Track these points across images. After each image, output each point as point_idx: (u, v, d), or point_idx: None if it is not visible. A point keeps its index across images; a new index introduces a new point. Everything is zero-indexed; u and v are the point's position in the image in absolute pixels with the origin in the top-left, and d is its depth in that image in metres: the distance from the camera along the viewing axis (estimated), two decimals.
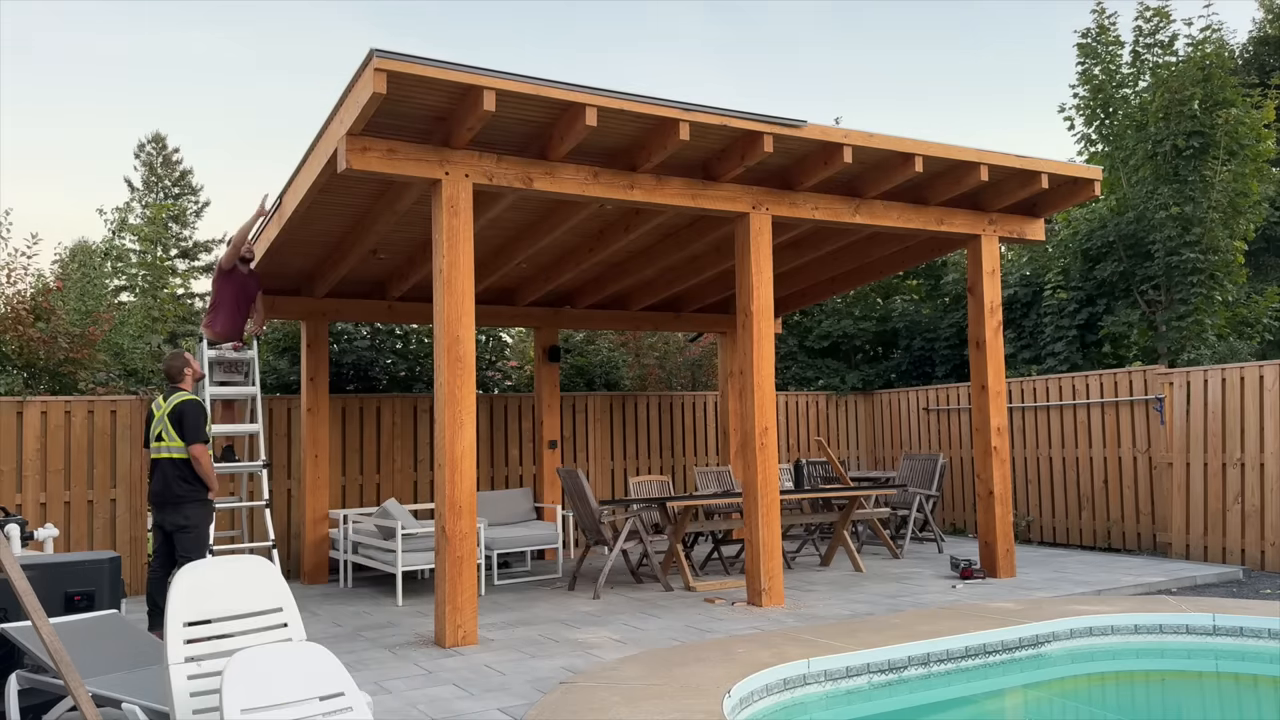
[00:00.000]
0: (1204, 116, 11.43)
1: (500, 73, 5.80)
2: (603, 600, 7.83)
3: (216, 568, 3.86)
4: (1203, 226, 11.33)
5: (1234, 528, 9.02)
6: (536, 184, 6.66)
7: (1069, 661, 5.90)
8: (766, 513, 7.33)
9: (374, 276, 9.56)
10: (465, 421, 6.27)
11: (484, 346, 13.78)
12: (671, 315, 11.71)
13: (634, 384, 14.60)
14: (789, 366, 14.46)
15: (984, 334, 8.65)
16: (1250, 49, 17.35)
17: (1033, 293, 12.99)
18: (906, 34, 58.25)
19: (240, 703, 3.19)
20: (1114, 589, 7.74)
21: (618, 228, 8.42)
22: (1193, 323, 11.46)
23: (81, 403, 8.75)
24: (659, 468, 11.89)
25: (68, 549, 8.48)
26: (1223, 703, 5.15)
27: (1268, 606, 6.45)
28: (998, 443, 8.60)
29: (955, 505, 12.24)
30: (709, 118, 6.50)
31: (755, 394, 7.39)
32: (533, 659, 5.81)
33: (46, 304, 9.97)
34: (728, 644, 5.81)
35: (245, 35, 51.43)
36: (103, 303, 11.85)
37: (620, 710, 4.46)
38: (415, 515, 10.39)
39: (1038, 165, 8.02)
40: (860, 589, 8.04)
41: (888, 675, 5.49)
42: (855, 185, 7.97)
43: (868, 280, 10.88)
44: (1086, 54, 12.72)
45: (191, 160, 46.55)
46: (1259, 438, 8.86)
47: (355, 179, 6.62)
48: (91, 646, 4.43)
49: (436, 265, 6.37)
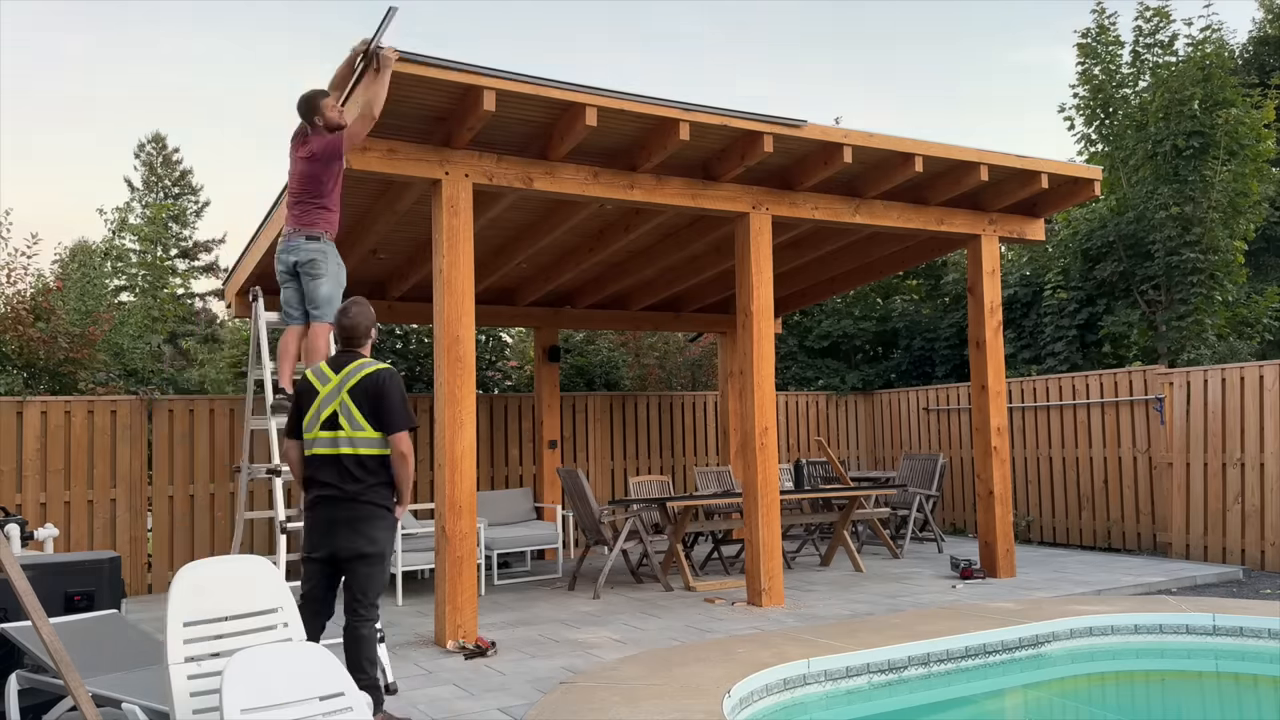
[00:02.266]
0: (1204, 116, 11.43)
1: (500, 72, 5.80)
2: (603, 600, 7.83)
3: (216, 568, 3.85)
4: (1203, 226, 11.33)
5: (1234, 528, 9.02)
6: (536, 184, 6.66)
7: (1069, 661, 5.90)
8: (766, 513, 7.33)
9: (374, 276, 9.56)
10: (465, 421, 6.27)
11: (484, 346, 13.79)
12: (671, 315, 11.71)
13: (634, 384, 14.60)
14: (789, 366, 14.46)
15: (984, 334, 8.65)
16: (1250, 49, 17.34)
17: (1033, 293, 12.99)
18: (906, 34, 58.27)
19: (240, 703, 3.19)
20: (1114, 589, 7.73)
21: (618, 228, 8.42)
22: (1193, 323, 11.46)
23: (81, 403, 8.75)
24: (659, 468, 11.88)
25: (68, 549, 8.48)
26: (1223, 703, 5.15)
27: (1268, 606, 6.45)
28: (998, 443, 8.60)
29: (955, 505, 12.24)
30: (709, 118, 6.50)
31: (755, 394, 7.39)
32: (533, 659, 5.81)
33: (46, 304, 9.97)
34: (728, 644, 5.81)
35: (245, 35, 51.44)
36: (103, 303, 11.86)
37: (620, 710, 4.46)
38: (415, 515, 10.39)
39: (1038, 165, 8.02)
40: (860, 589, 8.04)
41: (888, 675, 5.49)
42: (855, 185, 7.97)
43: (868, 280, 10.88)
44: (1086, 54, 12.72)
45: (191, 160, 46.54)
46: (1259, 438, 8.86)
47: (355, 179, 6.61)
48: (91, 646, 4.43)
49: (436, 265, 6.37)
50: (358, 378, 4.45)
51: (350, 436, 4.39)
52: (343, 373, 4.49)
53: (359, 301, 4.66)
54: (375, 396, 4.42)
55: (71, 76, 48.54)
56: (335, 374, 4.51)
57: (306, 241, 5.83)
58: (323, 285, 5.86)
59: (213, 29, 49.67)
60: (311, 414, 4.49)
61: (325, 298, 5.85)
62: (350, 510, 4.37)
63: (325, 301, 5.83)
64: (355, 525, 4.36)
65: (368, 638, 4.38)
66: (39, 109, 47.57)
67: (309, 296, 5.89)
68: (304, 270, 5.86)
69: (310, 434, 4.47)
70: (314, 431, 4.46)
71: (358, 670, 4.33)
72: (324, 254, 5.86)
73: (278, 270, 5.97)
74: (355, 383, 4.44)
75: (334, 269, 5.92)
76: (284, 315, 6.05)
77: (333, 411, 4.43)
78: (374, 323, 4.68)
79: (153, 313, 12.68)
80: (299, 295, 5.97)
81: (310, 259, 5.83)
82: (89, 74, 48.95)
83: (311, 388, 4.54)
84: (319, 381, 4.53)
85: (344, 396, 4.43)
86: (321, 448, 4.43)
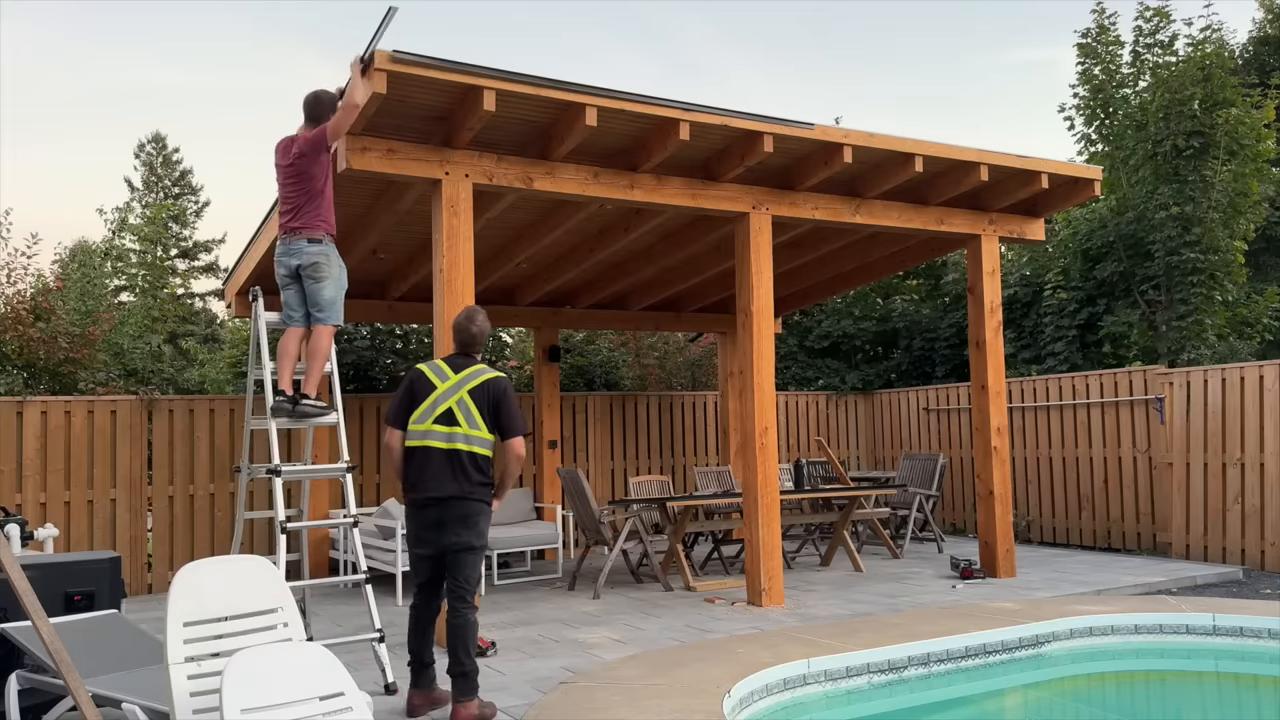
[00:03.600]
0: (1204, 116, 11.43)
1: (501, 73, 5.80)
2: (603, 600, 7.83)
3: (216, 567, 3.85)
4: (1203, 226, 11.33)
5: (1234, 528, 9.02)
6: (537, 184, 6.66)
7: (1069, 661, 5.90)
8: (766, 513, 7.33)
9: (374, 276, 9.56)
10: None
11: (484, 346, 13.79)
12: (671, 315, 11.71)
13: (634, 384, 14.60)
14: (789, 366, 14.46)
15: (984, 334, 8.65)
16: (1250, 49, 17.34)
17: (1033, 293, 12.99)
18: (906, 34, 58.27)
19: (240, 703, 3.19)
20: (1114, 589, 7.73)
21: (618, 228, 8.42)
22: (1193, 323, 11.46)
23: (81, 403, 8.75)
24: (659, 468, 11.88)
25: (68, 549, 8.48)
26: (1223, 703, 5.15)
27: (1268, 606, 6.45)
28: (998, 443, 8.60)
29: (955, 505, 12.23)
30: (709, 118, 6.50)
31: (755, 394, 7.39)
32: (533, 659, 5.81)
33: (46, 304, 9.98)
34: (728, 644, 5.81)
35: (245, 35, 51.43)
36: (103, 303, 11.87)
37: (620, 710, 4.46)
38: None
39: (1038, 165, 8.02)
40: (860, 589, 8.04)
41: (888, 675, 5.49)
42: (855, 185, 7.97)
43: (868, 280, 10.88)
44: (1086, 54, 12.73)
45: (191, 160, 46.57)
46: (1259, 438, 8.86)
47: (355, 179, 6.62)
48: (91, 646, 4.43)
49: (436, 265, 6.37)
50: (479, 380, 4.68)
51: (467, 434, 4.60)
52: (463, 374, 4.70)
53: (481, 311, 4.89)
54: (496, 401, 4.67)
55: (71, 76, 48.54)
56: (455, 373, 4.70)
57: (309, 245, 5.81)
58: (326, 288, 5.85)
59: (213, 29, 49.67)
60: (426, 406, 4.65)
61: (328, 300, 5.84)
62: (462, 509, 4.59)
63: (329, 304, 5.82)
64: (465, 521, 4.59)
65: (471, 624, 4.56)
66: (39, 109, 47.58)
67: (312, 299, 5.88)
68: (307, 274, 5.85)
69: (423, 425, 4.63)
70: (427, 424, 4.62)
71: (456, 657, 4.51)
72: (326, 257, 5.85)
73: (278, 273, 5.95)
74: (477, 385, 4.66)
75: (336, 272, 5.91)
76: (285, 317, 6.04)
77: (449, 408, 4.61)
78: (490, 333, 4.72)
79: (153, 313, 12.68)
80: (301, 297, 5.96)
81: (313, 262, 5.81)
82: (89, 74, 48.94)
83: (429, 382, 4.69)
84: (437, 377, 4.70)
85: (464, 395, 4.63)
86: (436, 440, 4.60)
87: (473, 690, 4.50)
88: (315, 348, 5.85)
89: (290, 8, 52.73)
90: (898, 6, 56.61)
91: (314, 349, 5.87)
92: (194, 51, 49.91)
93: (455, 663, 4.50)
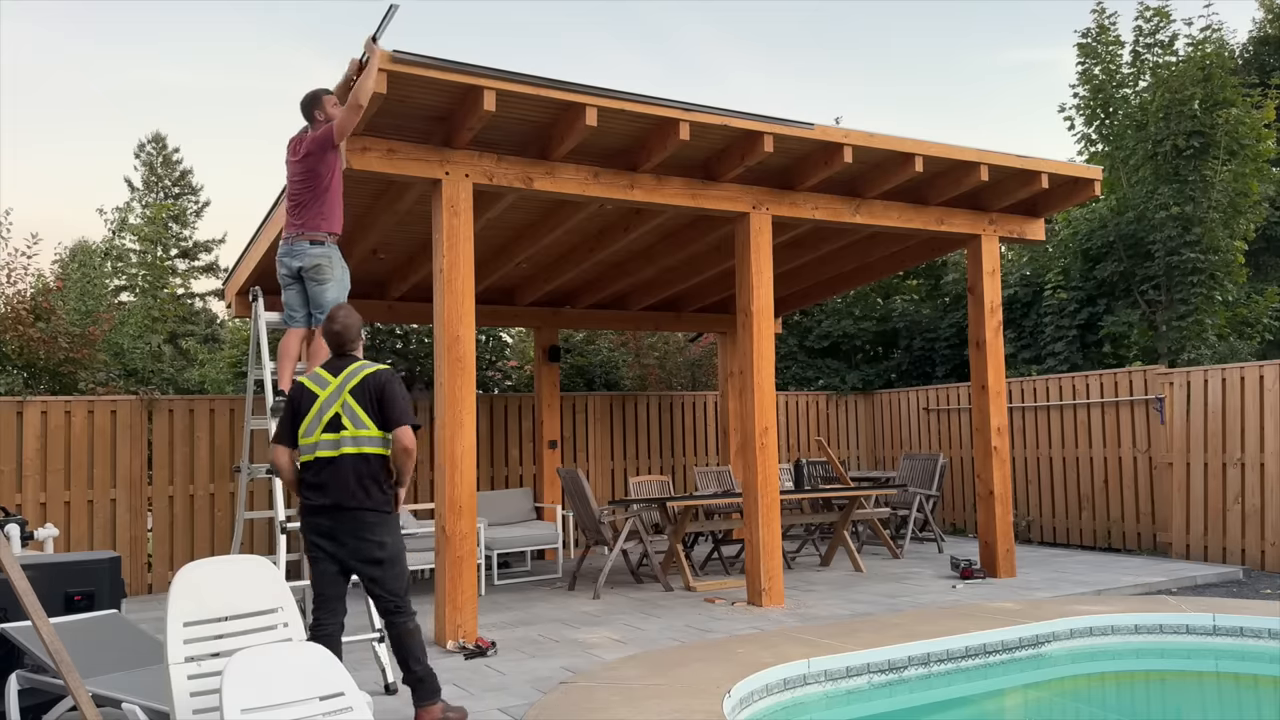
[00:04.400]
0: (1204, 116, 11.43)
1: (501, 73, 5.79)
2: (603, 600, 7.83)
3: (216, 568, 3.85)
4: (1203, 226, 11.33)
5: (1234, 528, 9.02)
6: (537, 184, 6.66)
7: (1069, 661, 5.90)
8: (766, 513, 7.33)
9: (374, 276, 9.56)
10: (465, 421, 6.27)
11: (484, 346, 13.79)
12: (671, 315, 11.71)
13: (634, 384, 14.60)
14: (789, 366, 14.46)
15: (984, 334, 8.65)
16: (1250, 49, 17.34)
17: (1033, 293, 12.99)
18: (906, 34, 58.25)
19: (240, 703, 3.19)
20: (1114, 589, 7.73)
21: (618, 228, 8.42)
22: (1193, 323, 11.46)
23: (81, 403, 8.75)
24: (659, 468, 11.88)
25: (68, 549, 8.48)
26: (1223, 703, 5.15)
27: (1268, 606, 6.45)
28: (998, 443, 8.60)
29: (955, 505, 12.23)
30: (709, 118, 6.50)
31: (755, 394, 7.39)
32: (532, 659, 5.81)
33: (46, 304, 9.98)
34: (728, 644, 5.81)
35: (245, 35, 51.42)
36: (103, 303, 11.87)
37: (620, 710, 4.46)
38: (415, 515, 10.39)
39: (1038, 165, 8.02)
40: (860, 589, 8.04)
41: (888, 675, 5.49)
42: (855, 185, 7.97)
43: (868, 280, 10.88)
44: (1086, 54, 12.73)
45: (191, 160, 46.55)
46: (1259, 438, 8.86)
47: (356, 179, 6.62)
48: (91, 646, 4.43)
49: (436, 265, 6.37)
50: (359, 377, 4.44)
51: (354, 435, 4.36)
52: (342, 375, 4.47)
53: (343, 307, 4.64)
54: (378, 393, 4.40)
55: (71, 76, 48.54)
56: (335, 377, 4.47)
57: (311, 246, 5.81)
58: (328, 290, 5.85)
59: (213, 29, 49.66)
60: (311, 417, 4.44)
61: (330, 302, 5.84)
62: (353, 518, 4.34)
63: (330, 306, 5.83)
64: (360, 534, 4.35)
65: (412, 632, 4.44)
66: (40, 109, 47.58)
67: (314, 301, 5.89)
68: (309, 275, 5.85)
69: (311, 438, 4.42)
70: (315, 435, 4.41)
71: (407, 667, 4.39)
72: (329, 258, 5.85)
73: (280, 274, 5.96)
74: (357, 382, 4.42)
75: (339, 273, 5.91)
76: (286, 317, 6.05)
77: (335, 413, 4.39)
78: (362, 325, 4.66)
79: (153, 313, 12.68)
80: (302, 298, 5.96)
81: (316, 264, 5.81)
82: (89, 74, 48.94)
83: (310, 392, 4.48)
84: (317, 386, 4.48)
85: (346, 397, 4.40)
86: (324, 450, 4.37)
87: (433, 693, 4.40)
88: (318, 349, 5.87)
89: (290, 8, 52.74)
90: (897, 6, 56.59)
91: (315, 350, 5.88)
92: (195, 51, 49.92)
93: (408, 671, 4.39)
